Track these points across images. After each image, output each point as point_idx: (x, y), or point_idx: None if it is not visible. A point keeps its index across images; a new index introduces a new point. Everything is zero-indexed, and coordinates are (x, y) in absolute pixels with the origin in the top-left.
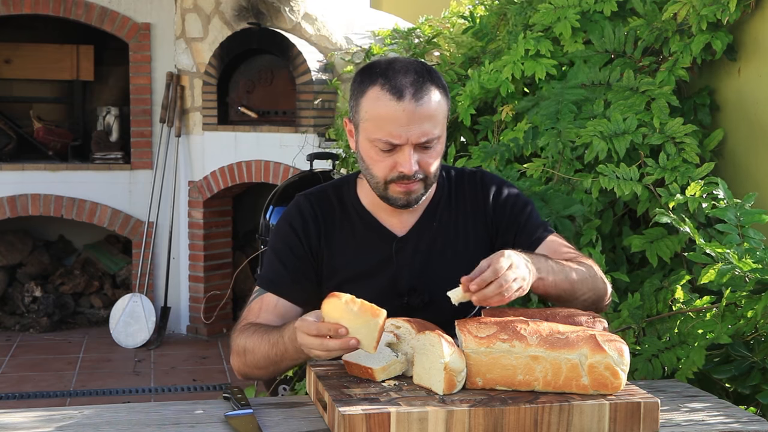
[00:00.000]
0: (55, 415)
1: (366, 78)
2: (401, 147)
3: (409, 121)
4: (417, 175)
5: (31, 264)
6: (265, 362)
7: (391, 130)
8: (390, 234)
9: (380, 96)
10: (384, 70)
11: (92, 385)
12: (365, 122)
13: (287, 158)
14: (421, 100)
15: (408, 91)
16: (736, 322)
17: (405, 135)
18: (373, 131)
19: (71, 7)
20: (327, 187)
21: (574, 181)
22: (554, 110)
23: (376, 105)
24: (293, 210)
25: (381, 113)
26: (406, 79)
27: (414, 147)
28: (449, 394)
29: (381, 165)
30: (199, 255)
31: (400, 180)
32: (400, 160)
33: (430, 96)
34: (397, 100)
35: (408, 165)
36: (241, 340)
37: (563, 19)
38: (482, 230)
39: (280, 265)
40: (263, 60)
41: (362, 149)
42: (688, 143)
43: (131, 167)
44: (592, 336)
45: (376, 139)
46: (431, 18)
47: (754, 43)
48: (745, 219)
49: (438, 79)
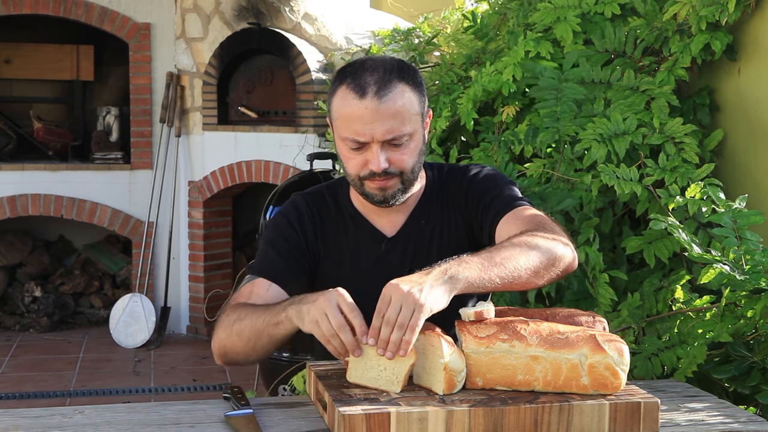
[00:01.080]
0: (55, 415)
1: (337, 78)
2: (369, 145)
3: (372, 119)
4: (390, 172)
5: (31, 264)
6: (250, 331)
7: (355, 128)
8: (380, 234)
9: (345, 95)
10: (353, 70)
11: (92, 385)
12: (335, 121)
13: (287, 158)
14: (384, 98)
15: (371, 89)
16: (735, 322)
17: (369, 133)
18: (341, 130)
19: (71, 7)
20: (322, 187)
21: (573, 179)
22: (553, 108)
23: (342, 104)
24: (290, 207)
25: (346, 112)
26: (372, 77)
27: (382, 144)
28: (449, 394)
29: (353, 163)
30: (199, 255)
31: (372, 177)
32: (368, 157)
33: (394, 93)
34: (359, 99)
35: (376, 162)
36: (230, 313)
37: (563, 20)
38: (462, 221)
39: (275, 253)
40: (263, 60)
41: (338, 147)
42: (688, 143)
43: (131, 167)
44: (592, 336)
45: (345, 138)
46: (431, 18)
47: (754, 43)
48: (741, 221)
49: (409, 76)
